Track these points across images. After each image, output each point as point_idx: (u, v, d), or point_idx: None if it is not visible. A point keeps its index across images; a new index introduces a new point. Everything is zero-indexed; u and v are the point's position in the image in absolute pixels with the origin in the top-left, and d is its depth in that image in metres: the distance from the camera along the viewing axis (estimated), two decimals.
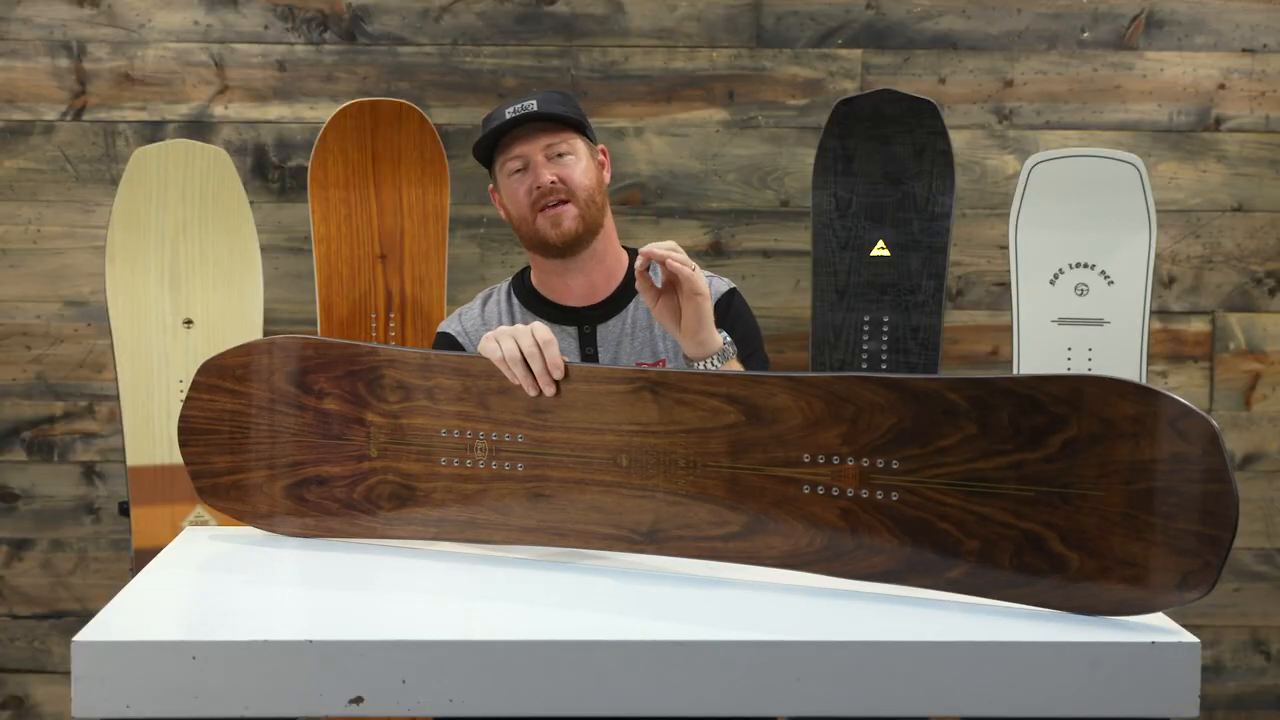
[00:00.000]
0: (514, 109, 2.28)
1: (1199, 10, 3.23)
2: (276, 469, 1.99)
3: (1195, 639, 1.55)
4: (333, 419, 1.96)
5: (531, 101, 2.29)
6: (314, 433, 1.98)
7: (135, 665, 1.51)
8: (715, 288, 2.33)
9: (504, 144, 2.30)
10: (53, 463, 3.23)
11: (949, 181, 2.94)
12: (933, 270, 2.95)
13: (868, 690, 1.53)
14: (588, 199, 2.28)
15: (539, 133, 2.28)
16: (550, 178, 2.26)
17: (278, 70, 3.18)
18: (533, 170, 2.28)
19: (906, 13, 3.21)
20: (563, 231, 2.27)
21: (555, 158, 2.28)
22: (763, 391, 1.75)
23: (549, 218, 2.26)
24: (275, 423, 1.99)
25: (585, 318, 2.34)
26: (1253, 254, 3.27)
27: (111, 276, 2.89)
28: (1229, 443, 3.27)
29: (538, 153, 2.28)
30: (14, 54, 3.16)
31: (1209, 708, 3.30)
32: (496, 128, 2.29)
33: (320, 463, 1.98)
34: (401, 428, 1.93)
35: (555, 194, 2.26)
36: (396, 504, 1.95)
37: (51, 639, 3.26)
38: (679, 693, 1.52)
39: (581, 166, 2.29)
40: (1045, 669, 1.54)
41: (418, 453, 1.93)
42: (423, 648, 1.53)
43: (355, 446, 1.96)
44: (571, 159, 2.29)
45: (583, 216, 2.27)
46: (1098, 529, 1.58)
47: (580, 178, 2.28)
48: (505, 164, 2.30)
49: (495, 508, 1.90)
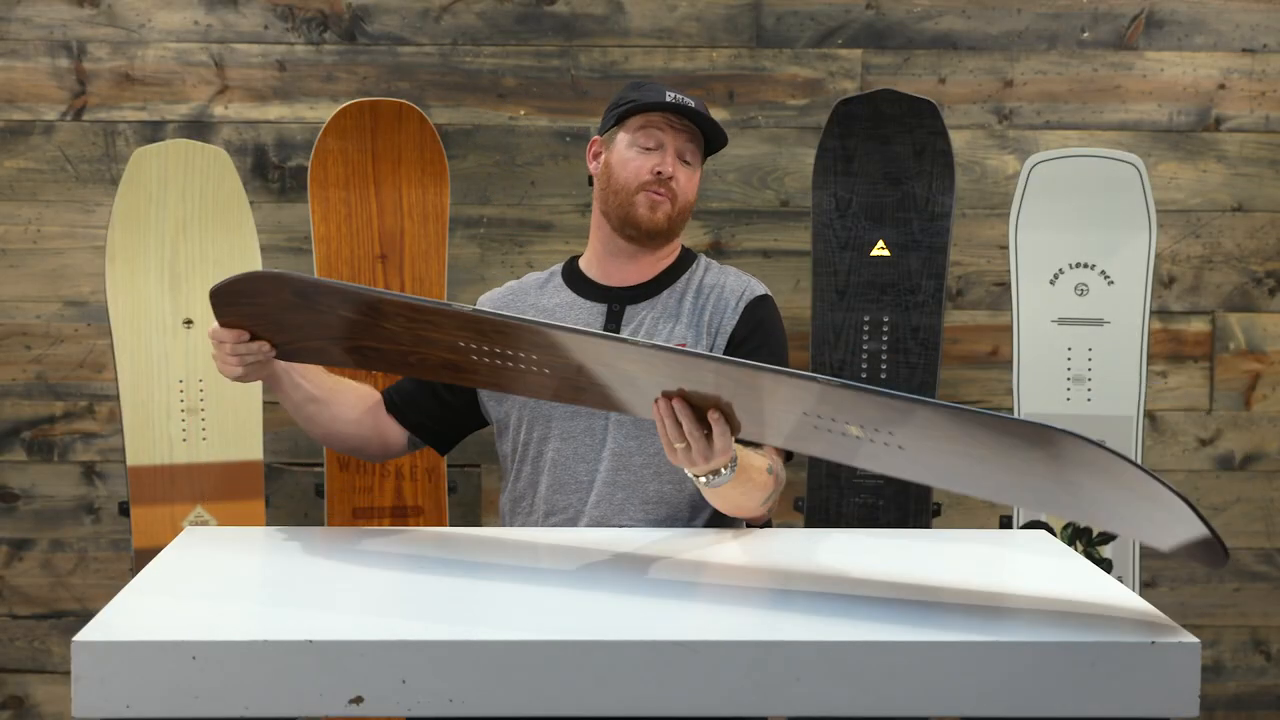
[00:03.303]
0: (673, 95, 2.34)
1: (1199, 10, 3.23)
2: (328, 340, 2.07)
3: (1195, 639, 1.56)
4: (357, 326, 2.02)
5: (690, 100, 2.35)
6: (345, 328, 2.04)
7: (135, 665, 1.51)
8: (750, 290, 2.37)
9: (651, 118, 2.34)
10: (53, 463, 3.23)
11: (949, 181, 2.94)
12: (933, 270, 2.95)
13: (868, 690, 1.53)
14: (683, 209, 2.36)
15: (686, 131, 2.34)
16: (671, 172, 2.32)
17: (278, 70, 3.18)
18: (664, 155, 2.33)
19: (906, 13, 3.21)
20: (655, 219, 2.33)
21: (684, 161, 2.35)
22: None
23: (650, 200, 2.32)
24: (309, 319, 2.03)
25: (615, 297, 2.37)
26: (1253, 254, 3.27)
27: (111, 276, 2.89)
28: (1229, 443, 3.28)
29: (677, 145, 2.34)
30: (14, 54, 3.17)
31: (1209, 708, 3.30)
32: (657, 102, 2.32)
33: (364, 338, 2.04)
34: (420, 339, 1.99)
35: (665, 187, 2.32)
36: (451, 371, 2.05)
37: (51, 639, 3.26)
38: (679, 693, 1.53)
39: (694, 181, 2.37)
40: (1045, 669, 1.54)
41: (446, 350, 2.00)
42: (423, 648, 1.53)
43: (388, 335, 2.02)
44: (692, 169, 2.37)
45: (672, 219, 2.34)
46: None
47: (689, 189, 2.36)
48: (640, 134, 2.34)
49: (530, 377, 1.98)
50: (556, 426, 2.29)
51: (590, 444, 2.28)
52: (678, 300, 2.36)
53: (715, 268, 2.41)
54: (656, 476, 2.26)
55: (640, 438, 2.26)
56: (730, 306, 2.34)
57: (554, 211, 3.22)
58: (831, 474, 2.95)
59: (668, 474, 2.26)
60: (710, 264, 2.42)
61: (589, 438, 2.28)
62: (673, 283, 2.38)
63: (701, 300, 2.35)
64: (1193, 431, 3.28)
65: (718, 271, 2.40)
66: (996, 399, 3.25)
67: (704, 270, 2.39)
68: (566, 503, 2.28)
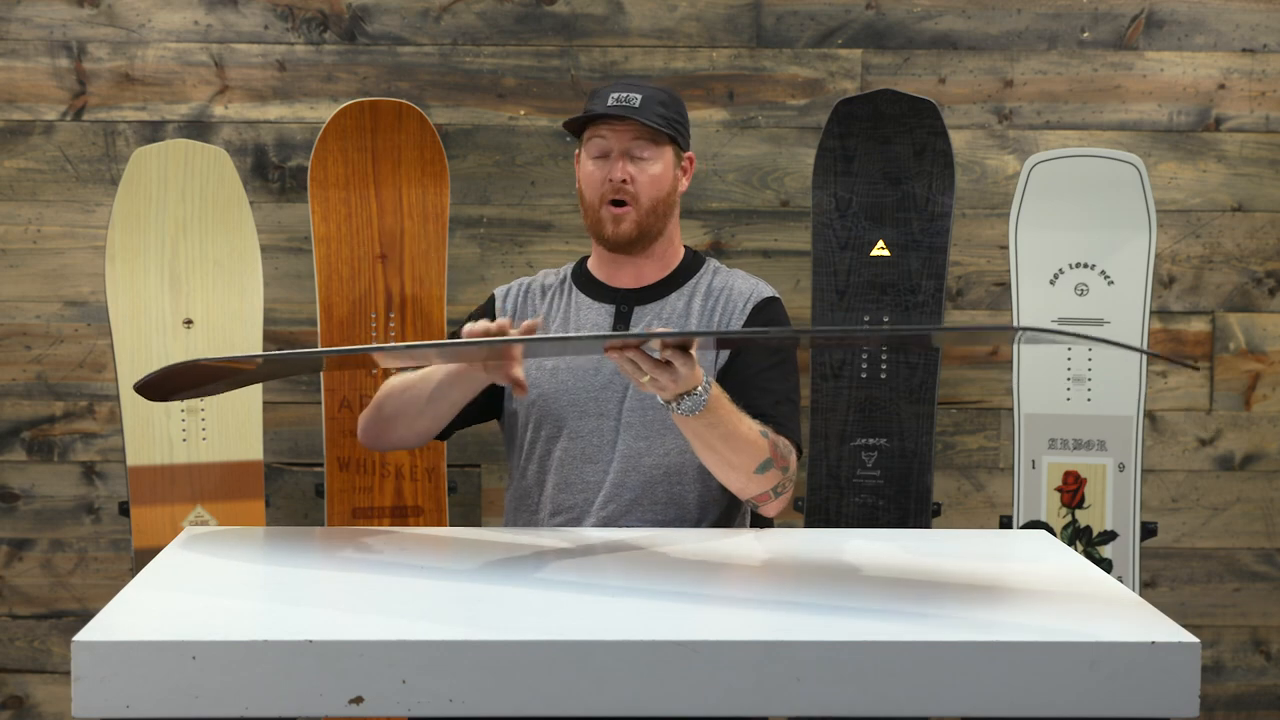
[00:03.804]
0: (617, 97, 2.30)
1: (1199, 10, 3.23)
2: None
3: (1195, 639, 1.55)
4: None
5: (636, 96, 2.30)
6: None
7: (135, 665, 1.51)
8: (758, 292, 2.37)
9: (596, 128, 2.33)
10: (53, 463, 3.23)
11: (949, 181, 2.94)
12: (933, 270, 2.95)
13: (868, 690, 1.53)
14: (650, 206, 2.31)
15: (629, 127, 2.30)
16: (622, 176, 2.29)
17: (278, 70, 3.18)
18: (610, 163, 2.31)
19: (906, 13, 3.21)
20: (619, 232, 2.31)
21: (635, 158, 2.31)
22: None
23: (611, 215, 2.31)
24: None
25: (624, 298, 2.37)
26: (1253, 254, 3.27)
27: (111, 276, 2.89)
28: (1229, 443, 3.27)
29: (620, 146, 2.30)
30: (14, 54, 3.17)
31: (1209, 708, 3.30)
32: (591, 114, 2.31)
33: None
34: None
35: (621, 193, 2.30)
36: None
37: (51, 639, 3.26)
38: (679, 693, 1.52)
39: (654, 172, 2.31)
40: (1045, 669, 1.54)
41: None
42: (423, 648, 1.53)
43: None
44: (648, 164, 2.31)
45: (639, 223, 2.31)
46: None
47: (649, 185, 2.31)
48: (589, 144, 2.34)
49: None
50: (566, 425, 2.29)
51: (599, 445, 2.27)
52: (686, 302, 2.36)
53: (723, 270, 2.41)
54: (666, 478, 2.26)
55: (650, 439, 2.26)
56: (738, 308, 2.34)
57: (554, 211, 3.22)
58: (831, 474, 2.95)
59: (677, 476, 2.26)
60: (719, 267, 2.42)
61: (598, 438, 2.28)
62: (681, 285, 2.38)
63: (710, 303, 2.35)
64: (1193, 431, 3.28)
65: (725, 274, 2.40)
66: (997, 399, 3.25)
67: (712, 273, 2.40)
68: (573, 502, 2.27)
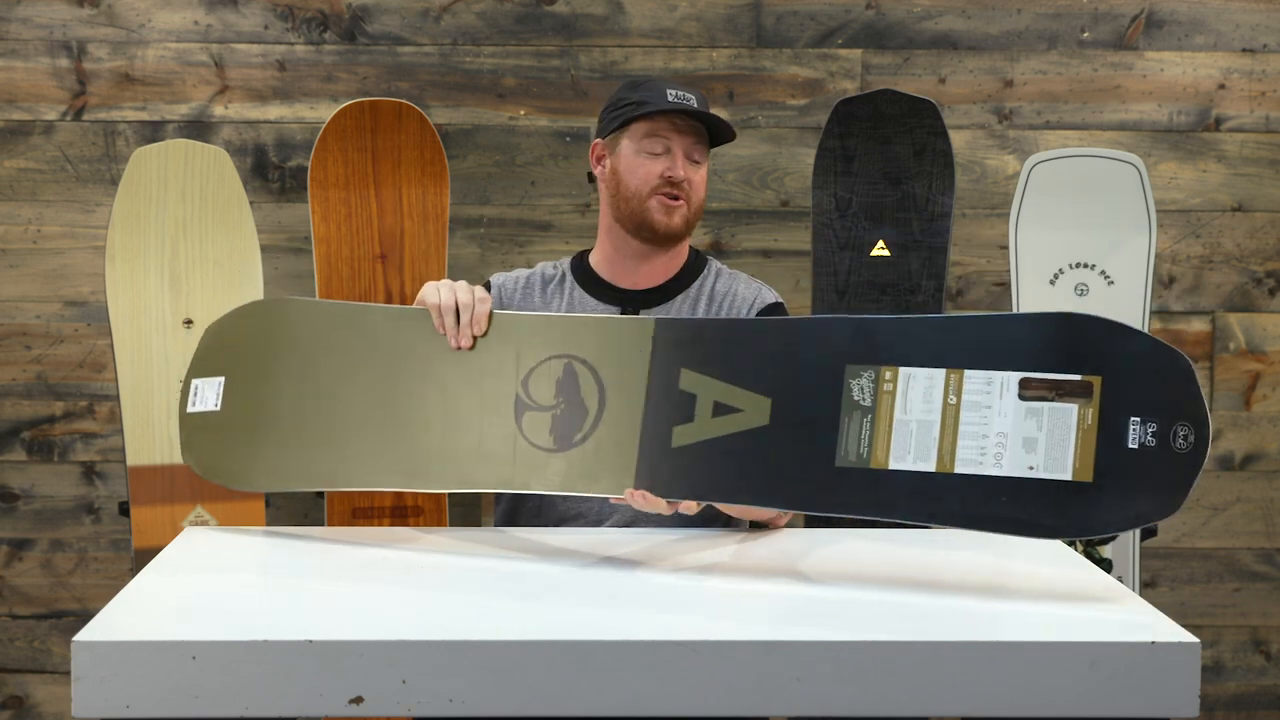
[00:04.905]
0: (674, 94, 2.32)
1: (1199, 10, 3.23)
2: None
3: (1195, 639, 1.56)
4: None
5: (691, 96, 2.34)
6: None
7: (135, 665, 1.51)
8: (762, 297, 2.37)
9: (656, 123, 2.32)
10: (53, 463, 3.23)
11: (949, 181, 2.94)
12: (933, 270, 2.95)
13: (868, 690, 1.53)
14: (698, 208, 2.36)
15: (692, 130, 2.33)
16: (684, 176, 2.31)
17: (278, 70, 3.18)
18: (673, 159, 2.31)
19: (906, 13, 3.21)
20: (671, 224, 2.32)
21: (692, 161, 2.33)
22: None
23: (665, 206, 2.31)
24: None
25: (630, 299, 2.37)
26: (1253, 254, 3.27)
27: (111, 276, 2.89)
28: (1229, 443, 3.27)
29: (684, 146, 2.32)
30: (14, 54, 3.17)
31: (1209, 708, 3.30)
32: (656, 108, 2.30)
33: None
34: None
35: (680, 189, 2.32)
36: None
37: (51, 639, 3.26)
38: (679, 693, 1.52)
39: (704, 177, 2.36)
40: (1045, 669, 1.54)
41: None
42: (423, 648, 1.53)
43: None
44: (701, 167, 2.35)
45: (689, 221, 2.34)
46: None
47: (701, 188, 2.36)
48: (646, 139, 2.32)
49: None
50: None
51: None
52: (690, 306, 2.35)
53: (725, 273, 2.41)
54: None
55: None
56: (741, 315, 2.33)
57: (554, 211, 3.22)
58: None
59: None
60: (721, 268, 2.42)
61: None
62: (685, 288, 2.37)
63: (714, 308, 2.35)
64: None
65: (728, 277, 2.39)
66: None
67: (715, 276, 2.39)
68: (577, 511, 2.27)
